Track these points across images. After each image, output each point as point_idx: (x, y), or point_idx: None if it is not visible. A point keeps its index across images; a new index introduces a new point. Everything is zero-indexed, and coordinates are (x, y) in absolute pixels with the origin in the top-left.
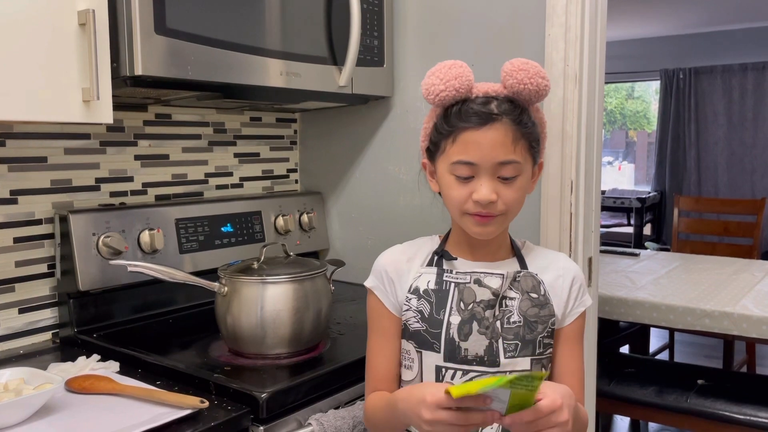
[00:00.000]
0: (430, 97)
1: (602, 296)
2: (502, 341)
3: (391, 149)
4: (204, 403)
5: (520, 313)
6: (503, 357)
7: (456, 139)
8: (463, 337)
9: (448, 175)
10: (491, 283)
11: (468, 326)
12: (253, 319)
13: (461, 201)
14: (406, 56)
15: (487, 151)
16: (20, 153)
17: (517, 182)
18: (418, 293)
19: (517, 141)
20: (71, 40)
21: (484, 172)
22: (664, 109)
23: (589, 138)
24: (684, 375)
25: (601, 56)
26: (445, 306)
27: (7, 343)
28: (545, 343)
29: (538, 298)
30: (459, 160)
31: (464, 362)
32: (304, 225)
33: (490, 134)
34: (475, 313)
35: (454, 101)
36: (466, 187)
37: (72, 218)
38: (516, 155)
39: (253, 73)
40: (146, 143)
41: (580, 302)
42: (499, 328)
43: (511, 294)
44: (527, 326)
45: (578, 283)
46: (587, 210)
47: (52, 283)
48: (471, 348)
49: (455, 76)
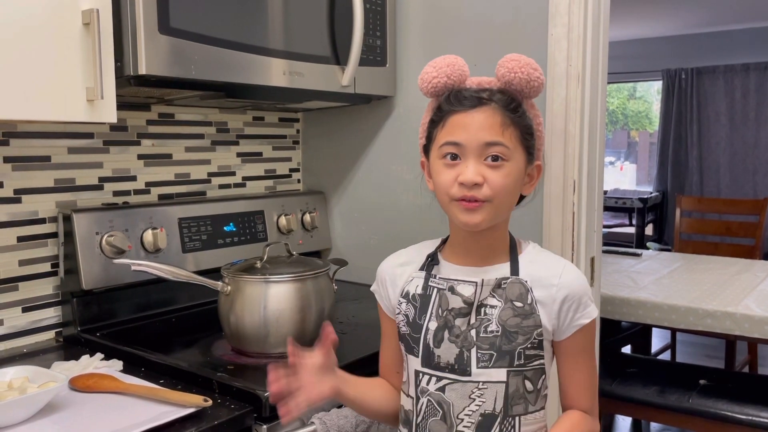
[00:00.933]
0: (423, 86)
1: (604, 296)
2: (476, 350)
3: (394, 149)
4: (207, 401)
5: (499, 322)
6: (475, 366)
7: (445, 123)
8: (437, 343)
9: (437, 161)
10: (463, 291)
11: (441, 333)
12: (256, 318)
13: (448, 185)
14: (408, 56)
15: (473, 131)
16: (24, 152)
17: (506, 168)
18: (408, 297)
19: (506, 126)
20: (75, 39)
21: (471, 153)
22: (666, 109)
23: (592, 138)
24: (686, 375)
25: (603, 56)
26: (426, 311)
27: (11, 341)
28: (528, 355)
29: (523, 307)
30: (446, 142)
31: (438, 368)
32: (306, 224)
33: (478, 116)
34: (447, 321)
35: (446, 89)
36: (453, 171)
37: (75, 217)
38: (504, 139)
39: (256, 72)
40: (149, 143)
41: (581, 315)
42: (473, 336)
43: (492, 302)
44: (505, 336)
45: (577, 297)
46: (589, 210)
47: (56, 282)
48: (443, 355)
49: (448, 64)
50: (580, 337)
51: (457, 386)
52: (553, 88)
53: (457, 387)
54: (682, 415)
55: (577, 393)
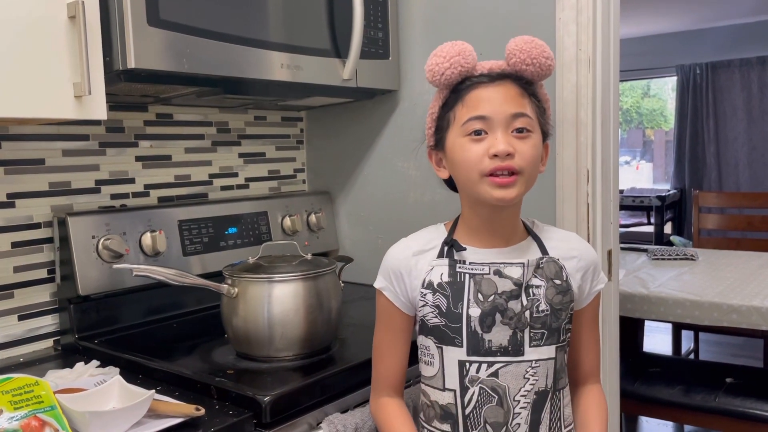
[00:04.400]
0: (435, 78)
1: (623, 293)
2: (529, 330)
3: (399, 145)
4: (200, 410)
5: (547, 301)
6: (528, 346)
7: (465, 101)
8: (486, 328)
9: (460, 139)
10: (512, 273)
11: (491, 318)
12: (260, 320)
13: (476, 159)
14: (412, 47)
15: (498, 104)
16: (17, 155)
17: (532, 139)
18: (432, 287)
19: (525, 98)
20: (61, 33)
21: (498, 125)
22: (682, 106)
23: (605, 125)
24: (711, 373)
25: (615, 40)
26: (463, 299)
27: (7, 351)
28: (566, 329)
29: (561, 284)
30: (471, 117)
31: (488, 354)
32: (312, 225)
33: (499, 89)
34: (497, 305)
35: (460, 78)
36: (481, 145)
37: (71, 221)
38: (527, 110)
39: (252, 65)
40: (147, 144)
41: (597, 282)
42: (527, 317)
43: (536, 282)
44: (554, 314)
45: (593, 266)
46: (605, 201)
47: (53, 288)
48: (495, 339)
49: (458, 52)
50: (595, 304)
51: (511, 368)
52: (563, 75)
53: (511, 369)
54: (709, 415)
55: (594, 360)
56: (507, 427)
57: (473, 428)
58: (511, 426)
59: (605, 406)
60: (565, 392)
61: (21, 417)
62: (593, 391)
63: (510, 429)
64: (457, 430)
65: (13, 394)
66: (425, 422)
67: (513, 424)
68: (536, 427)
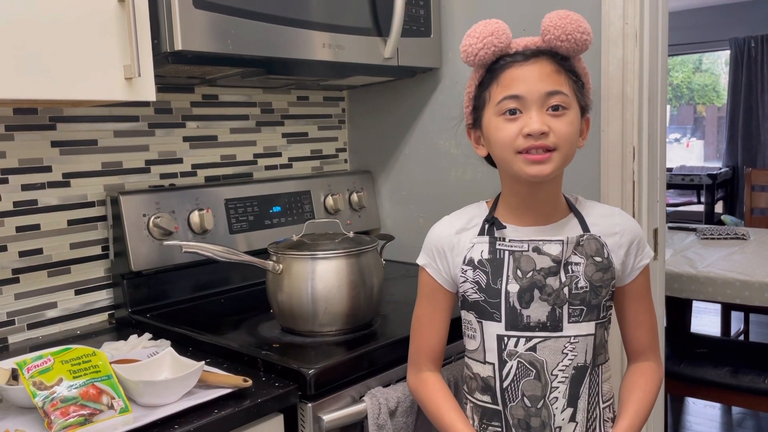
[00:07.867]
0: (469, 59)
1: (670, 273)
2: (568, 307)
3: (441, 123)
4: (247, 381)
5: (586, 278)
6: (566, 322)
7: (500, 80)
8: (525, 304)
9: (496, 118)
10: (551, 250)
11: (529, 294)
12: (304, 295)
13: (511, 139)
14: (454, 25)
15: (532, 82)
16: (71, 136)
17: (568, 116)
18: (473, 264)
19: (561, 74)
20: (111, 18)
21: (533, 104)
22: (735, 81)
23: (652, 101)
24: (761, 355)
25: (663, 12)
26: (502, 275)
27: (65, 323)
28: (607, 306)
29: (602, 261)
30: (505, 96)
31: (527, 329)
32: (354, 204)
33: (533, 67)
34: (535, 281)
35: (494, 57)
36: (515, 124)
37: (123, 200)
38: (563, 87)
39: (295, 46)
40: (194, 125)
41: (642, 256)
42: (566, 294)
43: (576, 259)
44: (593, 291)
45: (637, 240)
46: (651, 178)
47: (107, 264)
48: (533, 314)
49: (492, 32)
50: (643, 279)
51: (549, 343)
52: (609, 50)
53: (549, 344)
54: (758, 397)
55: (645, 336)
56: (544, 400)
57: (511, 400)
58: (549, 399)
59: (654, 385)
60: (604, 368)
61: (80, 385)
62: (641, 368)
63: (548, 402)
64: (496, 401)
65: (72, 364)
66: (468, 393)
67: (551, 398)
68: (574, 402)
